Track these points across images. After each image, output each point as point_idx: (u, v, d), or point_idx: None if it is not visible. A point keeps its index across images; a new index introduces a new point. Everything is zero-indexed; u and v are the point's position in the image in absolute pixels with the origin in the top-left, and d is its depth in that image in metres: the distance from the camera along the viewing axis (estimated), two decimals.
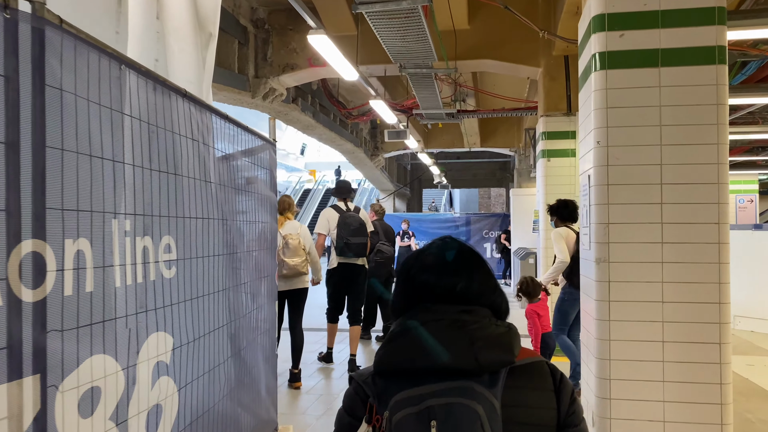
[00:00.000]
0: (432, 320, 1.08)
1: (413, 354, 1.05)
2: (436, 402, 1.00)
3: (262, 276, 3.59)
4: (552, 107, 6.87)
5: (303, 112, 9.14)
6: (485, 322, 1.09)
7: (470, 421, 0.98)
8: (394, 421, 1.01)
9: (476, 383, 1.02)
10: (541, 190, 6.95)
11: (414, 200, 23.46)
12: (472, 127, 12.74)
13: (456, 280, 1.14)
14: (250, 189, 3.35)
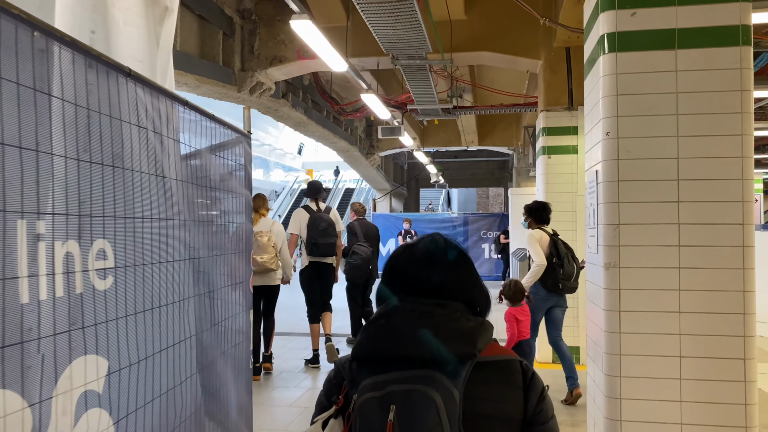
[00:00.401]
0: (404, 310, 1.14)
1: (381, 342, 1.12)
2: (397, 388, 1.06)
3: (236, 282, 3.25)
4: (553, 101, 6.53)
5: (294, 108, 8.80)
6: (456, 316, 1.13)
7: (427, 407, 1.03)
8: (358, 404, 1.08)
9: (438, 373, 1.06)
10: (541, 189, 6.62)
11: (411, 200, 23.12)
12: (470, 124, 12.41)
13: (432, 275, 1.19)
14: (220, 186, 3.01)
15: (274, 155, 48.36)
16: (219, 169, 3.05)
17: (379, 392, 1.08)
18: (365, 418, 1.08)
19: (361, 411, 1.08)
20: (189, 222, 2.55)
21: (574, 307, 6.36)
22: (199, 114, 2.72)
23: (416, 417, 1.04)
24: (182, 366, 2.51)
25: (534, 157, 12.74)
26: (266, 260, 5.37)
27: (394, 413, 1.04)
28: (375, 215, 16.86)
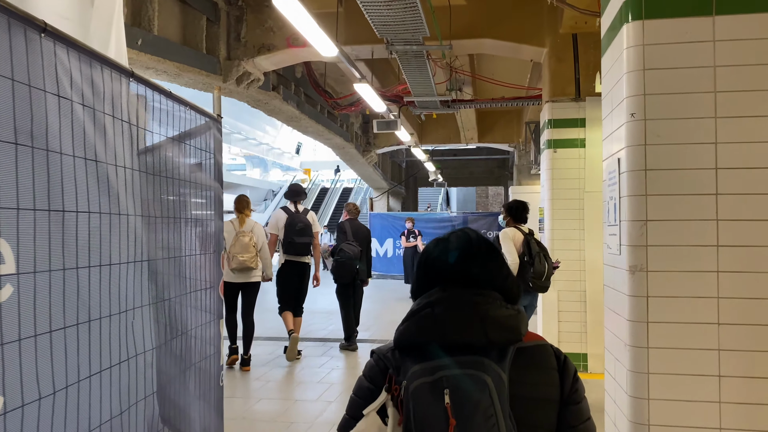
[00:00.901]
0: (448, 301, 1.19)
1: (429, 331, 1.16)
2: (449, 373, 1.10)
3: (204, 287, 2.84)
4: (558, 92, 6.13)
5: (285, 102, 8.39)
6: (496, 305, 1.19)
7: (480, 389, 1.09)
8: (411, 389, 1.12)
9: (486, 358, 1.12)
10: (546, 185, 6.21)
11: (409, 199, 22.69)
12: (470, 120, 12.00)
13: (471, 266, 1.24)
14: (183, 177, 2.60)
15: (272, 154, 47.94)
16: (182, 158, 2.63)
17: (430, 377, 1.10)
18: (420, 403, 1.10)
19: (415, 396, 1.11)
20: (137, 218, 2.13)
21: (580, 311, 5.96)
22: (155, 91, 2.30)
23: (471, 399, 1.08)
24: (130, 389, 2.10)
25: (536, 154, 12.33)
26: (247, 259, 5.69)
27: (449, 396, 1.08)
28: (372, 214, 16.45)
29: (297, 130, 10.38)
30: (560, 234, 6.05)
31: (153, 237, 2.34)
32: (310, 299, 10.40)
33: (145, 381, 2.28)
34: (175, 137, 2.57)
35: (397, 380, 1.18)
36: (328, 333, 7.99)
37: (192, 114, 2.71)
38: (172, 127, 2.50)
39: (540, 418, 1.18)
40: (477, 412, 1.07)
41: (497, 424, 1.07)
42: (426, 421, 1.09)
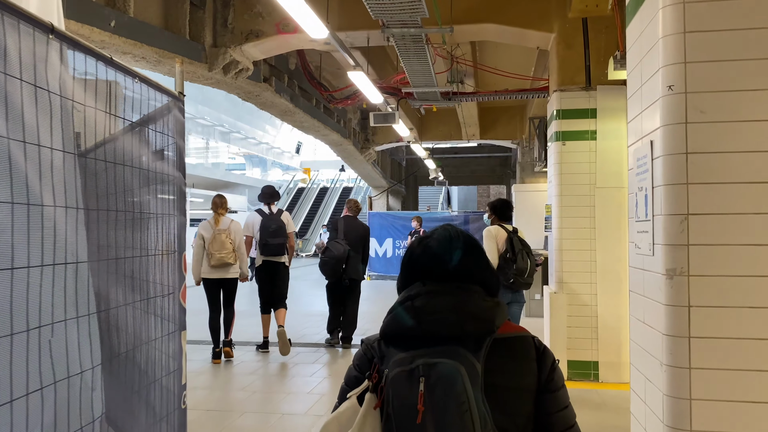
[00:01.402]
0: (428, 293, 1.25)
1: (408, 323, 1.23)
2: (424, 362, 1.16)
3: (164, 294, 2.43)
4: (567, 80, 5.71)
5: (278, 94, 7.98)
6: (474, 297, 1.25)
7: (453, 378, 1.14)
8: (390, 377, 1.19)
9: (461, 348, 1.18)
10: (554, 181, 5.80)
11: (409, 198, 22.26)
12: (471, 116, 11.59)
13: (449, 260, 1.30)
14: (134, 164, 2.19)
15: (272, 154, 47.65)
16: (134, 141, 2.22)
17: (407, 366, 1.17)
18: (397, 390, 1.18)
19: (393, 384, 1.19)
20: (66, 210, 1.72)
21: (590, 316, 5.55)
22: (91, 56, 1.89)
23: (444, 387, 1.14)
24: (63, 416, 1.71)
25: (540, 150, 11.93)
26: (224, 255, 5.90)
27: (424, 384, 1.15)
28: (371, 213, 16.04)
29: (292, 125, 9.97)
30: (569, 233, 5.63)
31: (92, 234, 1.93)
32: (305, 301, 9.98)
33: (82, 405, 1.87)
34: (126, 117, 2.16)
35: (380, 368, 1.25)
36: (321, 338, 7.57)
37: (147, 90, 2.30)
38: (118, 102, 2.09)
39: (517, 407, 1.22)
40: (450, 400, 1.13)
41: (470, 410, 1.13)
42: (402, 408, 1.17)
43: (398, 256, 15.47)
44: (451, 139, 13.65)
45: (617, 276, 5.52)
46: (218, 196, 6.25)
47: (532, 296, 9.83)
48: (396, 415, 1.17)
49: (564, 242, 5.66)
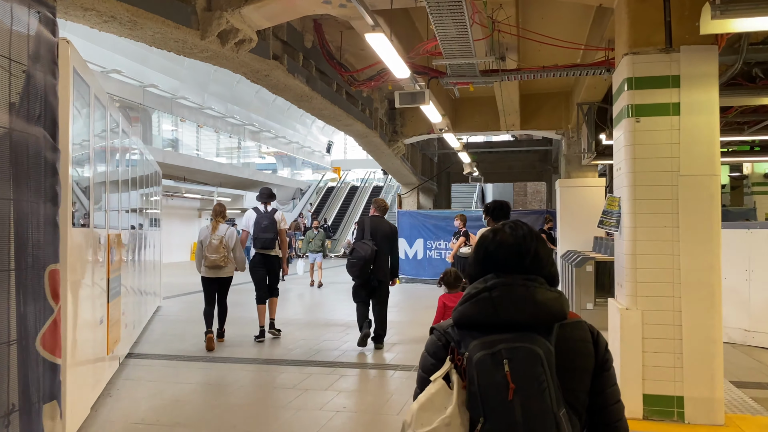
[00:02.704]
0: (502, 285, 1.40)
1: (486, 311, 1.39)
2: (505, 346, 1.33)
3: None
4: (642, 41, 4.53)
5: (291, 75, 6.97)
6: (542, 289, 1.41)
7: (533, 359, 1.32)
8: (474, 360, 1.34)
9: (535, 333, 1.36)
10: (624, 167, 4.61)
11: (441, 196, 21.03)
12: (512, 102, 10.39)
13: (523, 256, 1.45)
14: None
15: (302, 153, 47.19)
16: None
17: (490, 350, 1.33)
18: (483, 372, 1.33)
19: (478, 366, 1.33)
20: None
21: (673, 339, 4.36)
22: None
23: (526, 368, 1.31)
24: None
25: (590, 140, 10.65)
26: (216, 258, 6.66)
27: (508, 365, 1.31)
28: (401, 212, 14.94)
29: (310, 113, 8.96)
30: (645, 233, 4.45)
31: None
32: (327, 309, 9.15)
33: None
34: None
35: (459, 352, 1.40)
36: (340, 354, 6.54)
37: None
38: None
39: (579, 384, 1.41)
40: (532, 379, 1.31)
41: (548, 388, 1.32)
42: (489, 386, 1.33)
43: (429, 258, 14.34)
44: (487, 129, 12.45)
45: (708, 288, 4.32)
46: (218, 205, 7.04)
47: (583, 305, 8.63)
48: (482, 393, 1.33)
49: (638, 245, 4.47)
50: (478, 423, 1.34)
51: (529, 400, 1.30)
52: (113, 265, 4.85)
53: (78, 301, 3.59)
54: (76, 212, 3.78)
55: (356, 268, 6.55)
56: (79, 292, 3.61)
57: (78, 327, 3.62)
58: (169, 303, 10.81)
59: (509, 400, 1.30)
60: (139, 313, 7.24)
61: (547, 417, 1.30)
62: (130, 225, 6.50)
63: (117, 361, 5.38)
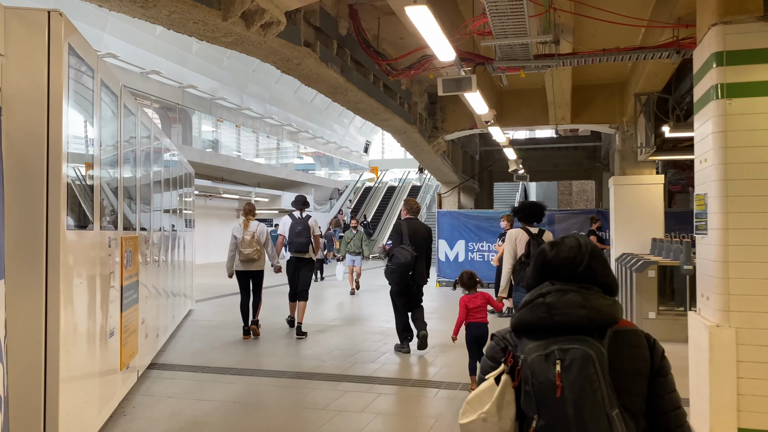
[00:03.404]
0: (556, 291, 1.50)
1: (540, 315, 1.47)
2: (558, 347, 1.42)
3: None
4: (734, 8, 3.81)
5: (324, 64, 6.45)
6: (597, 296, 1.49)
7: (585, 360, 1.38)
8: (529, 361, 1.44)
9: (588, 337, 1.43)
10: (713, 157, 3.88)
11: (483, 195, 20.24)
12: (563, 93, 9.64)
13: (578, 265, 1.53)
14: None
15: (340, 153, 47.09)
16: None
17: (543, 351, 1.42)
18: (536, 371, 1.42)
19: (532, 366, 1.43)
20: None
21: None
22: None
23: (578, 368, 1.38)
24: None
25: (648, 134, 9.81)
26: (249, 252, 7.16)
27: (560, 366, 1.39)
28: (440, 212, 14.28)
29: (344, 106, 8.43)
30: (739, 236, 3.73)
31: None
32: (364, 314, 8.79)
33: None
34: None
35: (515, 355, 1.50)
36: (377, 367, 5.97)
37: None
38: None
39: (634, 388, 1.45)
40: (584, 379, 1.38)
41: (600, 388, 1.37)
42: (542, 385, 1.41)
43: (471, 261, 13.64)
44: (535, 124, 11.70)
45: None
46: (248, 204, 7.56)
47: (644, 314, 7.83)
48: (535, 391, 1.42)
49: (731, 250, 3.75)
50: (533, 420, 1.43)
51: (581, 399, 1.37)
52: (127, 271, 4.40)
53: (75, 312, 3.12)
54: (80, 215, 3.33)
55: (396, 275, 6.38)
56: (76, 302, 3.14)
57: (76, 341, 3.16)
58: (201, 306, 10.45)
59: (561, 399, 1.38)
60: (165, 318, 6.83)
61: (599, 416, 1.37)
62: (155, 226, 6.09)
63: (135, 374, 4.94)
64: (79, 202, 3.30)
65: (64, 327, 2.94)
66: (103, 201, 3.81)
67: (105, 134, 3.83)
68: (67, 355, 2.97)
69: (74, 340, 3.14)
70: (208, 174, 23.40)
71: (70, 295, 3.04)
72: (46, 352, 2.85)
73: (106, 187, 3.99)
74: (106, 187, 3.99)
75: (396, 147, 47.07)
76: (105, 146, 3.84)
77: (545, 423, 1.41)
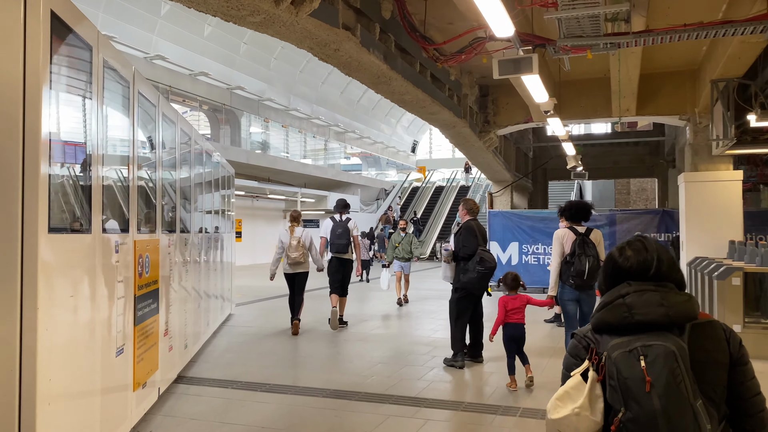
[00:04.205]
0: (634, 291, 1.58)
1: (621, 314, 1.56)
2: (641, 344, 1.49)
3: None
4: None
5: (366, 50, 5.87)
6: (673, 293, 1.57)
7: (668, 355, 1.46)
8: (613, 358, 1.51)
9: (668, 332, 1.50)
10: None
11: (537, 195, 19.26)
12: (630, 83, 8.75)
13: (648, 269, 1.61)
14: None
15: (387, 153, 46.76)
16: None
17: (626, 348, 1.50)
18: (621, 367, 1.49)
19: (617, 362, 1.50)
20: None
21: None
22: None
23: (662, 363, 1.45)
24: None
25: (727, 125, 8.81)
26: (296, 256, 7.59)
27: (645, 361, 1.46)
28: (492, 213, 13.50)
29: (389, 98, 7.83)
30: None
31: None
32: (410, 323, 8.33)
33: None
34: None
35: (597, 352, 1.58)
36: (425, 386, 5.35)
37: None
38: None
39: (715, 378, 1.52)
40: (668, 373, 1.44)
41: (683, 381, 1.45)
42: (629, 381, 1.48)
43: (526, 264, 12.80)
44: (596, 116, 10.80)
45: None
46: (295, 211, 8.06)
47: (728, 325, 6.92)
48: (622, 387, 1.49)
49: None
50: (619, 413, 1.50)
51: (667, 392, 1.44)
52: (143, 279, 3.93)
53: (60, 328, 2.63)
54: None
55: (485, 280, 5.97)
56: (61, 317, 2.65)
57: (64, 361, 2.67)
58: (241, 310, 10.06)
59: (647, 392, 1.45)
60: (198, 326, 6.39)
61: (684, 407, 1.44)
62: (185, 227, 5.64)
63: (155, 391, 4.47)
64: (71, 203, 2.82)
65: (46, 346, 2.45)
66: (108, 201, 3.33)
67: (110, 125, 3.35)
68: (47, 380, 2.48)
69: (61, 360, 2.65)
70: (255, 175, 23.30)
71: (54, 309, 2.55)
72: (21, 374, 2.36)
73: (114, 188, 3.52)
74: (114, 188, 3.52)
75: (444, 146, 46.32)
76: (110, 140, 3.36)
77: (632, 415, 1.47)
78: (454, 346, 6.07)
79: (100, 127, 3.14)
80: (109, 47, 3.29)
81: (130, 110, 3.80)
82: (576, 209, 5.48)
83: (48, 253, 2.47)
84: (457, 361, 5.98)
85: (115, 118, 3.59)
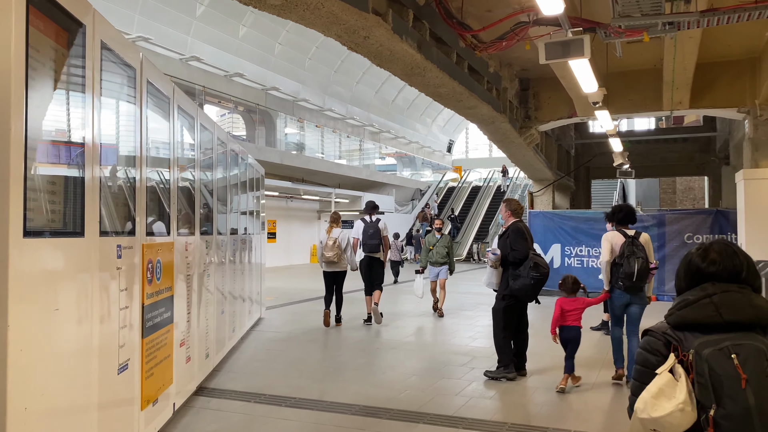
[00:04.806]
0: (721, 291, 1.62)
1: (709, 313, 1.59)
2: (731, 343, 1.52)
3: None
4: None
5: (398, 37, 5.45)
6: (756, 296, 1.63)
7: (758, 353, 1.50)
8: (704, 356, 1.53)
9: (754, 332, 1.56)
10: None
11: (579, 194, 18.46)
12: (685, 72, 8.09)
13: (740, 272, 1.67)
14: None
15: (422, 153, 46.31)
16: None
17: (717, 346, 1.52)
18: (713, 365, 1.52)
19: (709, 361, 1.52)
20: None
21: None
22: None
23: (754, 361, 1.49)
24: None
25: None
26: (331, 256, 8.18)
27: (737, 359, 1.49)
28: (533, 213, 12.88)
29: (423, 91, 7.39)
30: None
31: None
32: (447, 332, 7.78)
33: None
34: None
35: (683, 349, 1.59)
36: (463, 402, 4.89)
37: None
38: None
39: None
40: (759, 371, 1.48)
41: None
42: (722, 378, 1.50)
43: (569, 267, 12.15)
44: (645, 110, 10.12)
45: None
46: (335, 213, 8.67)
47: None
48: (714, 384, 1.51)
49: None
50: (710, 409, 1.51)
51: (760, 388, 1.47)
52: (153, 286, 3.59)
53: (35, 346, 2.28)
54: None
55: (539, 287, 5.65)
56: (43, 333, 2.31)
57: (41, 385, 2.33)
58: (272, 314, 9.76)
59: (742, 389, 1.48)
60: (222, 332, 6.07)
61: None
62: (209, 230, 5.33)
63: (170, 407, 4.13)
64: (61, 204, 2.48)
65: (20, 369, 2.11)
66: (109, 202, 2.99)
67: (110, 118, 3.01)
68: (21, 409, 2.13)
69: (42, 384, 2.31)
70: (290, 175, 23.14)
71: (32, 326, 2.20)
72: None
73: (122, 187, 3.18)
74: (122, 187, 3.18)
75: (481, 145, 45.58)
76: (112, 135, 3.02)
77: (726, 412, 1.49)
78: (502, 358, 5.70)
79: (95, 117, 2.80)
80: (109, 27, 2.95)
81: (138, 103, 3.47)
82: (625, 213, 5.61)
83: (22, 261, 2.12)
84: (509, 373, 5.62)
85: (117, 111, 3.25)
